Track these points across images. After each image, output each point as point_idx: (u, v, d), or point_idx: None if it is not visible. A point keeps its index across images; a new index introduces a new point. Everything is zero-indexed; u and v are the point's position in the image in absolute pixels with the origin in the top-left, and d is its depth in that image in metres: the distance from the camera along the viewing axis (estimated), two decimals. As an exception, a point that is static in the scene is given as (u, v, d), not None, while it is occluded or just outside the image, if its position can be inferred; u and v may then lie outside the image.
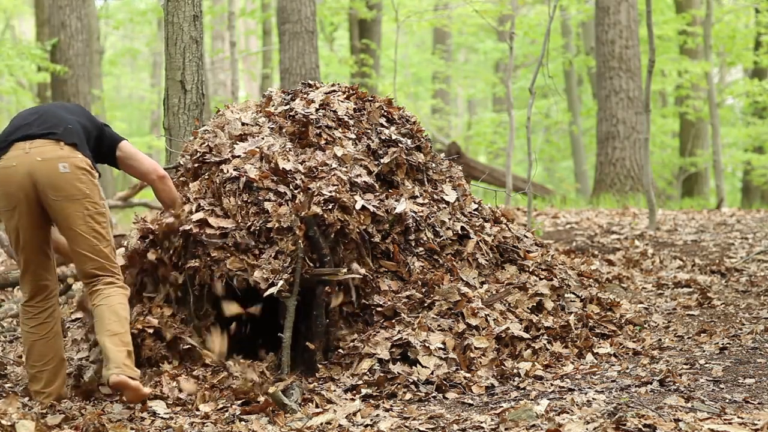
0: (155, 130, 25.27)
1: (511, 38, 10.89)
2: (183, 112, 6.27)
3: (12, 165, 4.66)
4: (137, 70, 30.81)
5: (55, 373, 4.79)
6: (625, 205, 12.80)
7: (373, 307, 5.22)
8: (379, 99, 5.92)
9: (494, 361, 5.05)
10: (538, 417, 4.07)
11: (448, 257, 5.51)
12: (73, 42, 13.70)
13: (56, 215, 4.68)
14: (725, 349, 5.24)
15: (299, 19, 10.51)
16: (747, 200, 20.30)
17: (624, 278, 7.21)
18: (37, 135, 4.70)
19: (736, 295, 6.71)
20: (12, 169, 4.65)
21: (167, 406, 4.69)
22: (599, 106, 14.60)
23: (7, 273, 6.85)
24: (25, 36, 26.16)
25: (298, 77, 10.34)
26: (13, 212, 4.68)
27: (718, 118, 16.33)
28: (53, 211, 4.67)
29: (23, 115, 4.90)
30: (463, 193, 5.90)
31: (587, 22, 20.27)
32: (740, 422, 3.81)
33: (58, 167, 4.63)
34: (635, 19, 14.37)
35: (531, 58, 23.26)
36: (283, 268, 5.07)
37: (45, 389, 4.76)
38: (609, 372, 4.96)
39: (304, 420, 4.35)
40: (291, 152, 5.42)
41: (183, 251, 5.18)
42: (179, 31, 6.28)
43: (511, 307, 5.45)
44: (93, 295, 4.76)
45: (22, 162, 4.64)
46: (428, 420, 4.27)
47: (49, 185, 4.62)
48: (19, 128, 4.76)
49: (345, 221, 5.19)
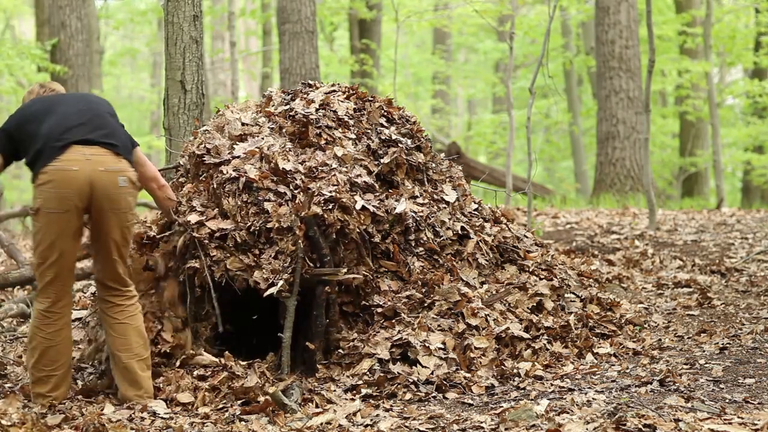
0: (155, 130, 25.29)
1: (511, 38, 10.89)
2: (183, 112, 6.27)
3: (73, 169, 4.60)
4: (137, 70, 30.80)
5: (63, 378, 4.79)
6: (625, 205, 12.80)
7: (373, 307, 5.22)
8: (379, 99, 5.92)
9: (494, 361, 5.04)
10: (538, 417, 4.07)
11: (448, 257, 5.51)
12: (73, 42, 13.69)
13: (100, 224, 4.69)
14: (725, 349, 5.24)
15: (299, 19, 10.51)
16: (747, 200, 20.29)
17: (624, 278, 7.21)
18: (96, 142, 4.67)
19: (736, 295, 6.71)
20: (73, 173, 4.60)
21: (167, 406, 4.69)
22: (599, 106, 14.60)
23: (7, 273, 6.85)
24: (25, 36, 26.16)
25: (298, 77, 10.34)
26: (62, 216, 4.62)
27: (718, 118, 16.33)
28: (98, 219, 4.68)
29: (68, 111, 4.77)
30: (463, 193, 5.90)
31: (587, 22, 20.27)
32: (740, 422, 3.81)
33: (118, 181, 4.69)
34: (635, 19, 14.37)
35: (531, 58, 23.26)
36: (283, 268, 5.07)
37: (51, 393, 4.75)
38: (609, 372, 4.96)
39: (304, 420, 4.35)
40: (291, 152, 5.42)
41: (183, 251, 5.18)
42: (179, 31, 6.28)
43: (511, 307, 5.45)
44: (115, 309, 4.79)
45: (83, 168, 4.61)
46: (428, 420, 4.27)
47: (106, 196, 4.65)
48: (72, 129, 4.68)
49: (345, 221, 5.19)
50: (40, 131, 4.69)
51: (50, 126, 4.70)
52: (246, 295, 5.21)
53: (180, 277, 5.18)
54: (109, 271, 4.79)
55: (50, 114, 4.75)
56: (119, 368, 4.78)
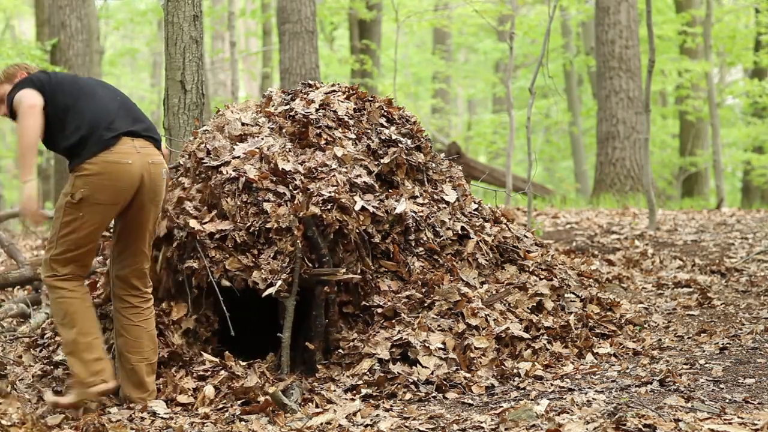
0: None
1: (511, 38, 10.89)
2: (183, 112, 6.27)
3: (128, 162, 4.55)
4: (137, 70, 30.81)
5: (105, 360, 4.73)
6: (625, 205, 12.80)
7: (373, 308, 5.22)
8: (379, 99, 5.92)
9: (494, 361, 5.05)
10: (538, 417, 4.07)
11: (448, 257, 5.51)
12: (73, 42, 13.68)
13: (139, 216, 4.67)
14: (725, 349, 5.24)
15: (299, 19, 10.51)
16: (747, 200, 20.29)
17: (624, 278, 7.21)
18: (141, 135, 4.64)
19: (736, 295, 6.71)
20: (128, 167, 4.55)
21: (167, 406, 4.69)
22: (599, 106, 14.60)
23: (7, 273, 6.84)
24: (25, 36, 26.16)
25: (298, 77, 10.34)
26: (109, 208, 4.56)
27: (718, 118, 16.33)
28: (138, 212, 4.66)
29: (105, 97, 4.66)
30: (463, 193, 5.90)
31: (587, 22, 20.27)
32: (740, 422, 3.81)
33: (162, 173, 4.72)
34: (635, 19, 14.37)
35: (531, 58, 23.27)
36: (281, 269, 5.07)
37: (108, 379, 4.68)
38: (609, 372, 4.96)
39: (304, 420, 4.35)
40: (291, 153, 5.42)
41: (182, 252, 5.18)
42: (179, 31, 6.28)
43: (511, 307, 5.45)
44: (132, 310, 4.75)
45: (136, 162, 4.57)
46: (428, 420, 4.27)
47: (151, 189, 4.65)
48: (117, 118, 4.59)
49: (344, 221, 5.19)
50: (79, 109, 4.54)
51: (93, 111, 4.57)
52: (245, 295, 5.22)
53: (179, 278, 5.18)
54: (138, 266, 4.75)
55: (86, 96, 4.62)
56: (126, 369, 4.75)
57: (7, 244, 7.34)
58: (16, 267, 7.06)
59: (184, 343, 5.13)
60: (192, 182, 5.40)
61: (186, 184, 5.39)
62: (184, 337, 5.15)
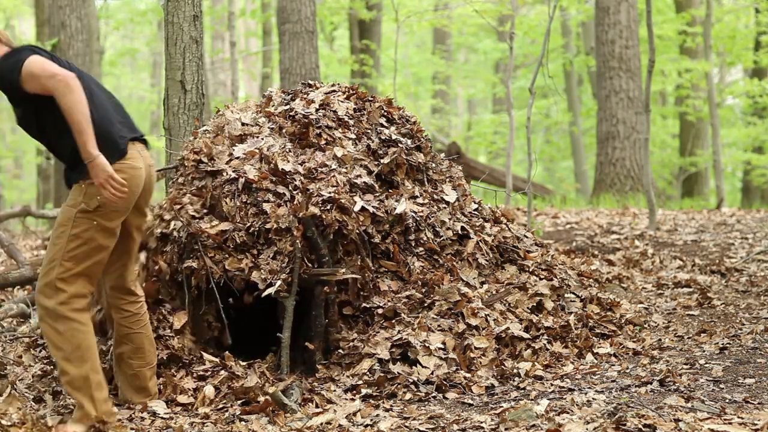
0: (155, 130, 25.28)
1: (511, 38, 10.89)
2: (183, 112, 6.26)
3: (139, 167, 4.44)
4: (137, 70, 30.80)
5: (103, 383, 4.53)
6: (625, 205, 12.80)
7: (373, 308, 5.22)
8: (379, 99, 5.92)
9: (494, 361, 5.04)
10: (538, 417, 4.07)
11: (448, 257, 5.51)
12: (73, 42, 13.68)
13: (136, 219, 4.60)
14: (725, 349, 5.24)
15: (299, 19, 10.51)
16: (747, 200, 20.29)
17: (624, 278, 7.21)
18: (140, 138, 4.54)
19: (736, 295, 6.71)
20: (139, 171, 4.44)
21: (167, 406, 4.69)
22: (599, 106, 14.60)
23: (7, 273, 6.84)
24: (25, 36, 26.14)
25: (298, 77, 10.34)
26: (122, 214, 4.42)
27: (718, 118, 16.32)
28: (135, 216, 4.58)
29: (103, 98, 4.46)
30: (463, 193, 5.90)
31: (587, 22, 20.27)
32: (740, 422, 3.81)
33: (155, 175, 4.69)
34: (635, 19, 14.37)
35: (531, 58, 23.26)
36: (281, 269, 5.07)
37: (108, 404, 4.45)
38: (609, 372, 4.96)
39: (304, 420, 4.35)
40: (291, 153, 5.42)
41: (181, 252, 5.18)
42: (179, 31, 6.27)
43: (511, 307, 5.45)
44: (132, 318, 4.69)
45: (143, 166, 4.48)
46: (428, 420, 4.27)
47: (149, 191, 4.60)
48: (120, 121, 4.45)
49: (343, 222, 5.19)
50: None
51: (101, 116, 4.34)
52: (245, 295, 5.21)
53: (178, 278, 5.18)
54: (131, 269, 4.69)
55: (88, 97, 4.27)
56: (128, 375, 4.72)
57: (7, 244, 7.34)
58: (16, 267, 7.06)
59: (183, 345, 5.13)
60: (192, 182, 5.40)
61: (186, 185, 5.39)
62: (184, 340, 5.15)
